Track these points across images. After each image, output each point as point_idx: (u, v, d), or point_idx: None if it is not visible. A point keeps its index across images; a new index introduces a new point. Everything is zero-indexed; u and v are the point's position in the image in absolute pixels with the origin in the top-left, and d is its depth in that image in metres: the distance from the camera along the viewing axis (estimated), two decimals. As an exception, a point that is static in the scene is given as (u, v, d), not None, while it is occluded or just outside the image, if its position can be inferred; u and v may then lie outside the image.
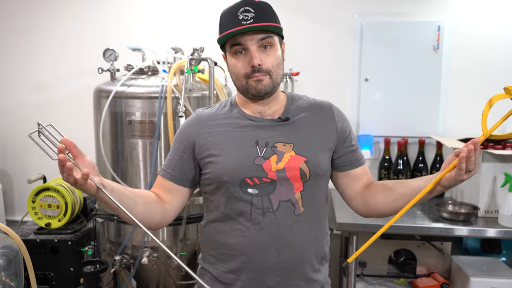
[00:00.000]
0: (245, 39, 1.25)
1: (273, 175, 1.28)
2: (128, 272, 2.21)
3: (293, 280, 1.33)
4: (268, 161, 1.29)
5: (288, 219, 1.30)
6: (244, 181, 1.28)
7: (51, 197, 2.36)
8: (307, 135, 1.34)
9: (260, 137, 1.31)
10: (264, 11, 1.26)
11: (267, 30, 1.26)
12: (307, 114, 1.37)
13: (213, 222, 1.37)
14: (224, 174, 1.29)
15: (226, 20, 1.27)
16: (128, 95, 2.07)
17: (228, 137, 1.32)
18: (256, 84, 1.27)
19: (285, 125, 1.34)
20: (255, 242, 1.30)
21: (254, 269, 1.32)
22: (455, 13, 2.59)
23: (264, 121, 1.34)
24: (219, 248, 1.36)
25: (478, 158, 1.19)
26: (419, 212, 2.28)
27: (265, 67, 1.26)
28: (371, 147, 2.67)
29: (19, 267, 1.60)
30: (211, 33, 2.62)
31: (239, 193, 1.29)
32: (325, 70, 2.71)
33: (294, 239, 1.31)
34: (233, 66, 1.30)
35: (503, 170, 2.12)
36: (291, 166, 1.29)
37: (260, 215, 1.29)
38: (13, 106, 2.86)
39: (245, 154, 1.29)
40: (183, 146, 1.36)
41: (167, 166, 1.38)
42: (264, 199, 1.29)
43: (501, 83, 2.65)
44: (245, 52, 1.27)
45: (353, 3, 2.64)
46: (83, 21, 2.75)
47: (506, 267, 2.27)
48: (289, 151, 1.30)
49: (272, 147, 1.30)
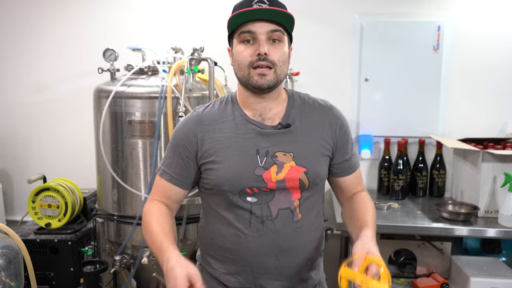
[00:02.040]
0: (256, 26, 1.22)
1: (272, 186, 1.28)
2: (128, 272, 2.21)
3: (292, 282, 1.35)
4: (268, 172, 1.28)
5: (287, 226, 1.31)
6: (243, 191, 1.28)
7: (51, 197, 2.36)
8: (307, 142, 1.32)
9: (261, 145, 1.30)
10: (279, 4, 1.26)
11: (279, 24, 1.24)
12: (307, 118, 1.35)
13: (212, 224, 1.37)
14: (224, 183, 1.28)
15: (240, 8, 1.24)
16: (128, 95, 2.07)
17: (230, 143, 1.30)
18: (259, 78, 1.24)
19: (285, 132, 1.31)
20: (254, 249, 1.30)
21: (253, 273, 1.33)
22: (455, 13, 2.59)
23: (265, 128, 1.31)
24: (217, 250, 1.36)
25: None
26: (419, 212, 2.28)
27: (271, 58, 1.23)
28: (371, 147, 2.67)
29: (19, 267, 1.60)
30: (211, 33, 2.65)
31: (238, 201, 1.29)
32: (325, 70, 2.71)
33: (293, 245, 1.32)
34: (238, 54, 1.26)
35: (503, 170, 2.12)
36: (291, 177, 1.29)
37: (260, 222, 1.29)
38: (13, 106, 2.86)
39: (245, 163, 1.28)
40: (187, 150, 1.33)
41: (172, 170, 1.36)
42: (263, 207, 1.29)
43: (501, 83, 2.68)
44: (253, 41, 1.24)
45: (353, 3, 2.64)
46: (82, 21, 2.75)
47: (506, 267, 2.26)
48: (289, 161, 1.29)
49: (273, 157, 1.29)
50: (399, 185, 2.49)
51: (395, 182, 2.50)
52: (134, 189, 2.09)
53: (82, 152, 2.76)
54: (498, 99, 2.64)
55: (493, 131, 2.64)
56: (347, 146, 1.39)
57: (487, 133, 2.62)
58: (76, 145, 2.81)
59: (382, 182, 2.62)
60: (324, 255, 2.53)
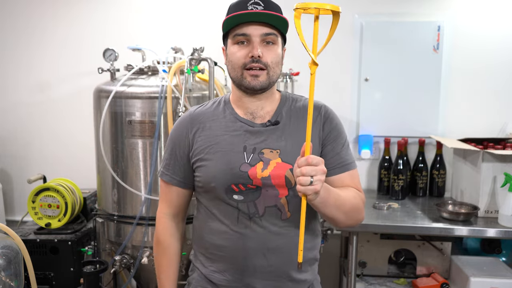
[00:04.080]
0: (250, 29, 1.24)
1: (258, 182, 1.29)
2: (128, 272, 2.21)
3: (280, 282, 1.34)
4: (254, 168, 1.29)
5: (275, 224, 1.31)
6: (230, 188, 1.30)
7: (51, 197, 2.36)
8: (294, 140, 1.32)
9: (249, 142, 1.31)
10: (273, 7, 1.27)
11: (273, 26, 1.25)
12: (297, 117, 1.35)
13: (203, 221, 1.39)
14: (212, 180, 1.30)
15: (235, 10, 1.26)
16: (128, 95, 2.07)
17: (219, 140, 1.32)
18: (252, 79, 1.26)
19: (274, 130, 1.32)
20: (241, 246, 1.31)
21: (241, 272, 1.33)
22: (455, 13, 2.59)
23: (254, 125, 1.33)
24: (208, 247, 1.37)
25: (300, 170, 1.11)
26: (419, 212, 2.28)
27: (264, 60, 1.25)
28: (371, 147, 2.67)
29: (19, 267, 1.60)
30: (211, 33, 2.64)
31: (226, 199, 1.31)
32: (325, 70, 2.70)
33: (281, 244, 1.32)
34: (232, 55, 1.28)
35: (503, 170, 2.12)
36: (276, 173, 1.29)
37: (247, 219, 1.30)
38: (13, 106, 2.86)
39: (232, 160, 1.29)
40: (181, 150, 1.37)
41: (171, 171, 1.39)
42: (250, 205, 1.30)
43: (501, 83, 2.68)
44: (247, 43, 1.26)
45: (353, 3, 2.64)
46: (83, 21, 2.75)
47: (506, 267, 2.27)
48: (275, 158, 1.30)
49: (259, 154, 1.30)
50: (399, 185, 2.49)
51: (395, 182, 2.50)
52: (134, 189, 2.09)
53: (82, 152, 2.76)
54: (498, 99, 2.64)
55: (493, 131, 2.64)
56: (337, 141, 1.35)
57: (487, 133, 2.62)
58: (76, 145, 2.81)
59: (382, 182, 2.62)
60: (324, 255, 2.53)
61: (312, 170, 1.09)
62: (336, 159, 1.35)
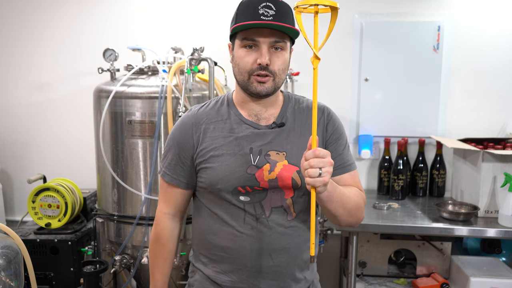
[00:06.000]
0: (259, 36, 1.22)
1: (265, 184, 1.29)
2: (128, 272, 2.21)
3: (284, 282, 1.35)
4: (260, 170, 1.29)
5: (281, 225, 1.31)
6: (236, 190, 1.30)
7: (51, 197, 2.36)
8: (300, 142, 1.33)
9: (255, 144, 1.31)
10: (285, 12, 1.24)
11: (283, 33, 1.23)
12: (302, 118, 1.36)
13: (206, 222, 1.38)
14: (218, 182, 1.30)
15: (245, 11, 1.23)
16: (128, 95, 2.07)
17: (224, 143, 1.32)
18: (257, 85, 1.26)
19: (279, 132, 1.33)
20: (248, 247, 1.31)
21: (247, 272, 1.33)
22: (455, 13, 2.59)
23: (259, 127, 1.33)
24: (211, 249, 1.37)
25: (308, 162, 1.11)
26: (419, 212, 2.28)
27: (271, 68, 1.24)
28: (371, 147, 2.67)
29: (19, 267, 1.60)
30: (211, 33, 2.65)
31: (232, 200, 1.31)
32: (325, 70, 2.70)
33: (287, 244, 1.32)
34: (239, 58, 1.27)
35: (503, 170, 2.12)
36: (283, 175, 1.29)
37: (254, 220, 1.30)
38: (13, 106, 2.86)
39: (238, 162, 1.29)
40: (184, 151, 1.36)
41: (172, 171, 1.39)
42: (256, 206, 1.30)
43: (501, 83, 2.68)
44: (255, 47, 1.24)
45: (353, 3, 2.64)
46: (83, 21, 2.75)
47: (506, 267, 2.27)
48: (282, 160, 1.30)
49: (266, 156, 1.30)
50: (399, 185, 2.49)
51: (395, 182, 2.50)
52: (134, 189, 2.09)
53: (82, 152, 2.77)
54: (498, 99, 2.64)
55: (493, 131, 2.64)
56: (339, 142, 1.37)
57: (487, 133, 2.62)
58: (76, 145, 2.81)
59: (382, 182, 2.62)
60: (324, 255, 2.53)
61: (320, 162, 1.09)
62: (338, 160, 1.36)
